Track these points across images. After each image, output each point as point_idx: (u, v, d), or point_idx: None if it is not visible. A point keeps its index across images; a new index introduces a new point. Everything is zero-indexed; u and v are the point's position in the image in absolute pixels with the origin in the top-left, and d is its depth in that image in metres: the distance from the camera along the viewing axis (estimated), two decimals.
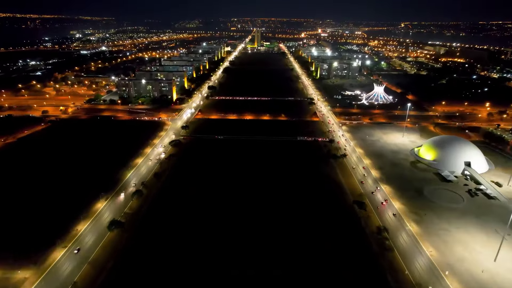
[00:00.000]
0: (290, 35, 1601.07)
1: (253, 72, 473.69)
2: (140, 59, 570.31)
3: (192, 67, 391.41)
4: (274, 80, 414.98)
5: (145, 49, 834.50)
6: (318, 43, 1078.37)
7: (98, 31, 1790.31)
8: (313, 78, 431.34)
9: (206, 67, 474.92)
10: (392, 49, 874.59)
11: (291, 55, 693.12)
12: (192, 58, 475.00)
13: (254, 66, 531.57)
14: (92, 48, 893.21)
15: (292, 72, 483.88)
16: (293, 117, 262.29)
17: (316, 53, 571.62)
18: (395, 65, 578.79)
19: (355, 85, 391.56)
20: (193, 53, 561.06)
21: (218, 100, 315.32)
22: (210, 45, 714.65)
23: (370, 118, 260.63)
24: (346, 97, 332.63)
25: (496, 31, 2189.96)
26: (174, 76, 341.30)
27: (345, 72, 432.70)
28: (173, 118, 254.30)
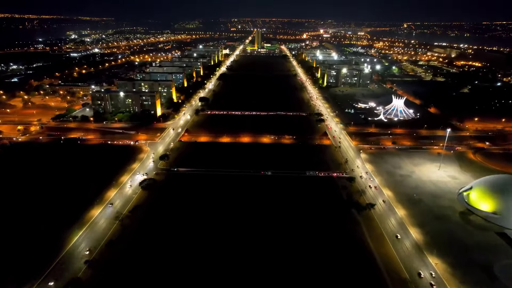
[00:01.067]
0: (291, 36, 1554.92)
1: (253, 79, 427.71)
2: (130, 64, 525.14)
3: (183, 75, 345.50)
4: (275, 89, 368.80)
5: (139, 51, 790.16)
6: (321, 44, 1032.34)
7: (95, 31, 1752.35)
8: (320, 86, 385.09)
9: (200, 73, 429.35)
10: (400, 51, 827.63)
11: (293, 59, 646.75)
12: (185, 63, 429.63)
13: (254, 72, 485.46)
14: (84, 50, 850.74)
15: (295, 79, 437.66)
16: (299, 139, 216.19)
17: (321, 57, 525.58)
18: (407, 69, 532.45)
19: (368, 95, 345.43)
20: (187, 57, 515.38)
21: (210, 116, 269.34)
22: (207, 48, 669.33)
23: (393, 141, 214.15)
24: (360, 111, 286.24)
25: (500, 32, 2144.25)
26: (161, 86, 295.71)
27: (355, 80, 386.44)
28: (153, 142, 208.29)
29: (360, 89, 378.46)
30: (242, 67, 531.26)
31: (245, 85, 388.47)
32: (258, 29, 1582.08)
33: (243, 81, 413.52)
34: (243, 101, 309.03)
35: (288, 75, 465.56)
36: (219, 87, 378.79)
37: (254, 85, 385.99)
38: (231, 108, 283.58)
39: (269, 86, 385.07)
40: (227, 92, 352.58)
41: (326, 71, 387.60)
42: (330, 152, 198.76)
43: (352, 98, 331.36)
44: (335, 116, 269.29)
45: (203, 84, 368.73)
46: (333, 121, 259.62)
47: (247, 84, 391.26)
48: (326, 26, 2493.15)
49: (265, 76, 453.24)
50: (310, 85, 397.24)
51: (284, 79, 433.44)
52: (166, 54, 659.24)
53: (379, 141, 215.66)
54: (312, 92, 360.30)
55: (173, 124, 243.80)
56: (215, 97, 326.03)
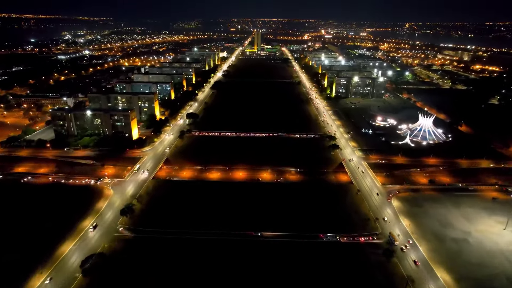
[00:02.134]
0: (292, 36, 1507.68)
1: (251, 88, 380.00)
2: (116, 69, 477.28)
3: (170, 85, 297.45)
4: (277, 101, 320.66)
5: (132, 53, 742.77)
6: (324, 46, 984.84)
7: (91, 32, 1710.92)
8: (327, 96, 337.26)
9: (192, 81, 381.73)
10: (408, 54, 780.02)
11: (296, 62, 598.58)
12: (175, 69, 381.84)
13: (252, 78, 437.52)
14: (75, 52, 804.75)
15: (299, 88, 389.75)
16: (308, 174, 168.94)
17: (327, 61, 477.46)
18: (421, 75, 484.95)
19: (384, 108, 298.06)
20: (179, 62, 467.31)
21: (198, 138, 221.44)
22: (203, 51, 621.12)
23: (430, 178, 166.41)
24: (379, 130, 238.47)
25: (505, 32, 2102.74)
26: (141, 100, 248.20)
27: (368, 89, 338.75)
28: (121, 180, 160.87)
29: (373, 100, 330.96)
30: (240, 72, 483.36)
31: (242, 95, 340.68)
32: (257, 29, 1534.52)
33: (240, 90, 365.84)
34: (239, 117, 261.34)
35: (291, 83, 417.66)
36: (212, 98, 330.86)
37: (253, 96, 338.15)
38: (224, 127, 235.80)
39: (270, 96, 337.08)
40: (220, 105, 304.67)
41: (335, 80, 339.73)
42: (351, 197, 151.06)
43: (367, 112, 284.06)
44: (350, 139, 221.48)
45: (193, 94, 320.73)
46: (349, 145, 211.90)
47: (245, 95, 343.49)
48: (327, 27, 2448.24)
49: (265, 83, 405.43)
50: (317, 95, 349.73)
51: (287, 88, 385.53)
52: (159, 57, 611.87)
53: (409, 176, 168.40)
54: (320, 104, 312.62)
55: (151, 151, 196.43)
56: (206, 112, 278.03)
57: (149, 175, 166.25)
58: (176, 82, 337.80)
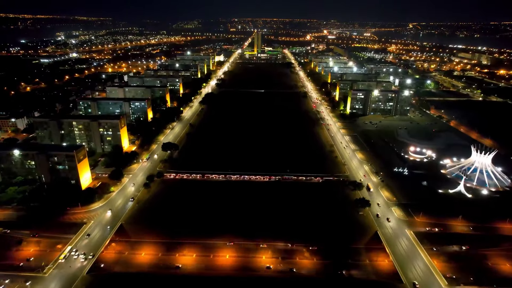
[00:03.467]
0: (294, 37, 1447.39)
1: (248, 101, 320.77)
2: (96, 77, 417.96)
3: (147, 102, 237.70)
4: (280, 121, 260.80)
5: (122, 56, 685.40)
6: (329, 47, 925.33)
7: (87, 32, 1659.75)
8: (341, 114, 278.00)
9: (179, 92, 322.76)
10: (421, 57, 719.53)
11: (300, 68, 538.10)
12: (159, 80, 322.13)
13: (251, 88, 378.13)
14: (62, 54, 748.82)
15: (307, 102, 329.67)
16: (328, 257, 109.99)
17: (336, 68, 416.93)
18: (443, 83, 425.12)
19: (414, 130, 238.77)
20: (166, 69, 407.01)
21: (172, 186, 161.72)
22: (196, 55, 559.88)
23: None
24: (416, 168, 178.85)
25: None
26: (103, 127, 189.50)
27: (390, 105, 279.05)
28: (37, 278, 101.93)
29: (397, 119, 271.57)
30: (237, 80, 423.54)
31: (236, 112, 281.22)
32: (258, 30, 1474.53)
33: (235, 105, 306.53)
34: (230, 148, 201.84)
35: (296, 94, 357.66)
36: (201, 116, 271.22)
37: (250, 113, 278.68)
38: (210, 164, 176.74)
39: (271, 114, 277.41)
40: (209, 127, 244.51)
41: (350, 94, 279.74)
42: None
43: (393, 137, 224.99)
44: (381, 184, 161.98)
45: (178, 113, 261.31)
46: (381, 195, 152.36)
47: (240, 112, 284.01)
48: (329, 27, 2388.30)
49: (265, 95, 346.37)
50: (328, 111, 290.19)
51: (291, 101, 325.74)
52: (148, 62, 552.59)
53: (485, 262, 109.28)
54: (333, 126, 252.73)
55: (104, 208, 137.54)
56: (189, 140, 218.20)
57: (87, 264, 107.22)
58: (158, 96, 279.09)
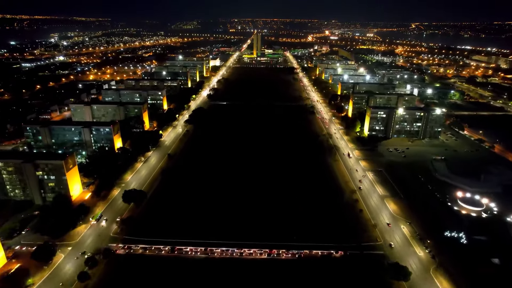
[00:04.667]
0: (295, 38, 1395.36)
1: (244, 119, 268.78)
2: (72, 86, 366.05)
3: (113, 128, 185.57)
4: (283, 149, 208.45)
5: (112, 59, 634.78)
6: (333, 50, 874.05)
7: (83, 33, 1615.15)
8: (358, 137, 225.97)
9: (162, 108, 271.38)
10: (434, 60, 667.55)
11: (304, 74, 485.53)
12: (138, 94, 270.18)
13: (248, 101, 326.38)
14: (49, 57, 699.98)
15: (315, 120, 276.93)
16: None
17: (346, 76, 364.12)
18: (469, 92, 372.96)
19: (453, 160, 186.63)
20: (151, 78, 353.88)
21: (127, 268, 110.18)
22: (189, 60, 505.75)
23: None
24: (473, 227, 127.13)
25: None
26: (43, 169, 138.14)
27: (418, 126, 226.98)
28: None
29: (427, 143, 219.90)
30: (232, 90, 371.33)
31: (228, 136, 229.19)
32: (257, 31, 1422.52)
33: (227, 124, 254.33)
34: (216, 196, 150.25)
35: (302, 109, 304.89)
36: (184, 141, 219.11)
37: (244, 137, 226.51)
38: (186, 228, 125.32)
39: (272, 139, 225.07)
40: (191, 159, 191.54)
41: (369, 112, 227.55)
42: None
43: (429, 173, 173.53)
44: (433, 264, 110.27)
45: (156, 137, 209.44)
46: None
47: (233, 134, 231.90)
48: (330, 27, 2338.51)
49: (265, 110, 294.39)
50: (341, 133, 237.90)
51: (296, 119, 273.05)
52: (136, 67, 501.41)
53: None
54: (350, 153, 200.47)
55: None
56: (163, 182, 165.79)
57: None
58: (134, 116, 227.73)
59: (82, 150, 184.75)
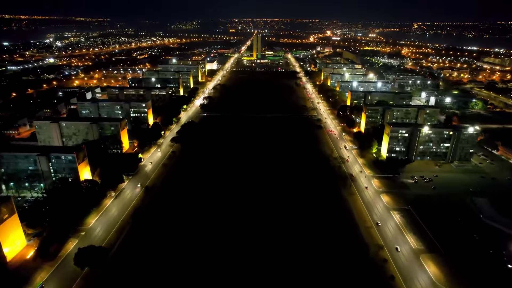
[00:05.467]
0: (296, 39, 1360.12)
1: (241, 136, 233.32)
2: (52, 94, 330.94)
3: (76, 156, 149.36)
4: (288, 180, 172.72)
5: (105, 62, 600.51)
6: (335, 51, 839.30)
7: (80, 33, 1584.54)
8: (376, 161, 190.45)
9: (146, 121, 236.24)
10: (443, 63, 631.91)
11: (308, 80, 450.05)
12: (119, 106, 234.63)
13: (246, 111, 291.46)
14: (39, 59, 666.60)
15: (324, 138, 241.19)
16: None
17: (355, 83, 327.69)
18: (490, 100, 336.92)
19: (493, 191, 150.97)
20: (135, 87, 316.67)
21: None
22: (183, 64, 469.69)
23: None
24: None
25: None
26: None
27: (446, 146, 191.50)
28: None
29: (458, 169, 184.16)
30: (229, 98, 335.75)
31: (221, 158, 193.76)
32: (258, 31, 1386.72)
33: (221, 142, 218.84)
34: (207, 250, 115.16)
35: (307, 122, 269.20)
36: (168, 167, 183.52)
37: (241, 161, 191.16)
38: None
39: (274, 164, 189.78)
40: (174, 196, 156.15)
41: (389, 131, 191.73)
42: None
43: (471, 214, 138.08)
44: None
45: (133, 162, 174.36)
46: None
47: (227, 157, 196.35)
48: (332, 27, 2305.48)
49: (265, 124, 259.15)
50: (355, 154, 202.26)
51: (302, 135, 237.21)
52: (126, 71, 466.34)
53: None
54: (368, 183, 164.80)
55: None
56: (136, 228, 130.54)
57: None
58: (109, 134, 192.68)
59: (40, 182, 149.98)
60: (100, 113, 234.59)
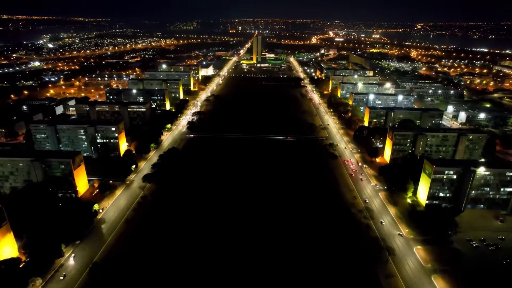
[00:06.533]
0: (298, 40, 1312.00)
1: (235, 168, 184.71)
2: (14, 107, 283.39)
3: None
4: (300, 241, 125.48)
5: (94, 66, 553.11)
6: (340, 53, 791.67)
7: (76, 34, 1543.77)
8: (411, 211, 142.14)
9: (117, 150, 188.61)
10: (459, 67, 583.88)
11: (313, 88, 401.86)
12: (83, 131, 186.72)
13: (242, 132, 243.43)
14: (24, 63, 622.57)
15: (339, 169, 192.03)
16: None
17: (372, 96, 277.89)
18: None
19: None
20: (110, 103, 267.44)
21: None
22: (174, 71, 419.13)
23: None
24: None
25: None
26: None
27: (507, 191, 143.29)
28: None
29: None
30: (222, 114, 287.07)
31: (208, 209, 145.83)
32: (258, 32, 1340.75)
33: (208, 181, 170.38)
34: None
35: (317, 146, 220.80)
36: (130, 229, 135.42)
37: (234, 214, 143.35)
38: None
39: (278, 212, 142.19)
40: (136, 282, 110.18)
41: (432, 172, 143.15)
42: None
43: None
44: None
45: (85, 218, 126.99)
46: None
47: (216, 206, 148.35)
48: (333, 27, 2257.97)
49: (267, 149, 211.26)
50: (382, 197, 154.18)
51: (312, 169, 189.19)
52: (110, 79, 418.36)
53: None
54: (407, 250, 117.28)
55: None
56: None
57: None
58: (59, 174, 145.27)
59: None
60: (60, 138, 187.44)
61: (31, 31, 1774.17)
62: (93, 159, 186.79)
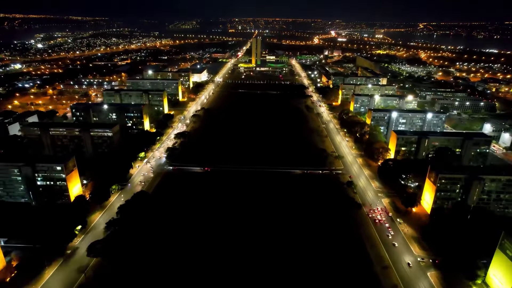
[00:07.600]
0: (300, 40, 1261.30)
1: (222, 221, 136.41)
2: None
3: None
4: None
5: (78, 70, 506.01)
6: (345, 55, 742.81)
7: (71, 33, 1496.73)
8: None
9: (65, 195, 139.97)
10: (479, 71, 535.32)
11: (320, 98, 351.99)
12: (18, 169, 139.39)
13: (234, 163, 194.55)
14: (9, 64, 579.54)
15: (365, 224, 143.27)
16: None
17: (395, 114, 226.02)
18: None
19: None
20: (69, 126, 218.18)
21: None
22: (161, 78, 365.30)
23: None
24: None
25: None
26: None
27: None
28: None
29: None
30: (211, 136, 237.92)
31: None
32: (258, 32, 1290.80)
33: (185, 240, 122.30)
34: None
35: (332, 186, 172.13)
36: None
37: None
38: None
39: None
40: None
41: (508, 250, 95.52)
42: None
43: None
44: None
45: None
46: None
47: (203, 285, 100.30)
48: (335, 27, 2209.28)
49: (267, 191, 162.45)
50: (432, 280, 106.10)
51: (329, 224, 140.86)
52: (89, 87, 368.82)
53: None
54: None
55: None
56: None
57: None
58: None
59: None
60: None
61: (27, 30, 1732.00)
62: (32, 207, 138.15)
